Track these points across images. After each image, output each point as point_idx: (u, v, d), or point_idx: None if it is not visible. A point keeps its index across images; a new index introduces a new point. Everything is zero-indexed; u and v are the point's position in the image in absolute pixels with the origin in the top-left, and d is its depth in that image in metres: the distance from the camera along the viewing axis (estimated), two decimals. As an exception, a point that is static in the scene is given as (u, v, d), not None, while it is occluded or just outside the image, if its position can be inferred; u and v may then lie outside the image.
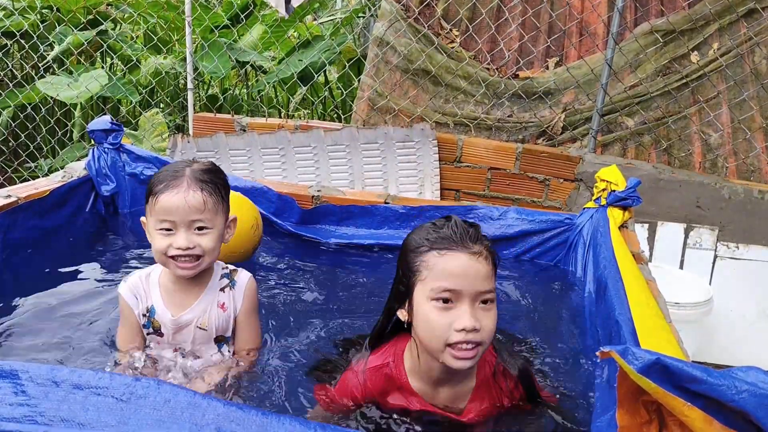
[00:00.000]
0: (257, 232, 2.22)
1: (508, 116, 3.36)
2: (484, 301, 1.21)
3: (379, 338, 1.41)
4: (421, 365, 1.31)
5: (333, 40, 4.13)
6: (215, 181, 1.47)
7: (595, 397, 1.42)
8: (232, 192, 2.36)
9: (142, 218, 1.51)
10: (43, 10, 4.43)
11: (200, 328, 1.53)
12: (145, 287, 1.54)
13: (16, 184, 3.11)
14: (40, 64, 4.39)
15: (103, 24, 4.39)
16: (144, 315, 1.53)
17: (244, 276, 1.60)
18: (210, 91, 4.97)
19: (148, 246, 2.37)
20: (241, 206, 2.18)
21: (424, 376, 1.33)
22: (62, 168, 2.65)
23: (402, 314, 1.31)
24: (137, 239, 2.47)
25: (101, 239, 2.46)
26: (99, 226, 2.52)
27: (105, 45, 4.25)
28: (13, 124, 4.34)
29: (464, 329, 1.18)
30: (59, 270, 2.15)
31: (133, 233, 2.51)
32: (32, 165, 4.40)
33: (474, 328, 1.18)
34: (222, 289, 1.56)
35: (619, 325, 1.49)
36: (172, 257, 1.44)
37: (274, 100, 4.77)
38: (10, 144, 4.45)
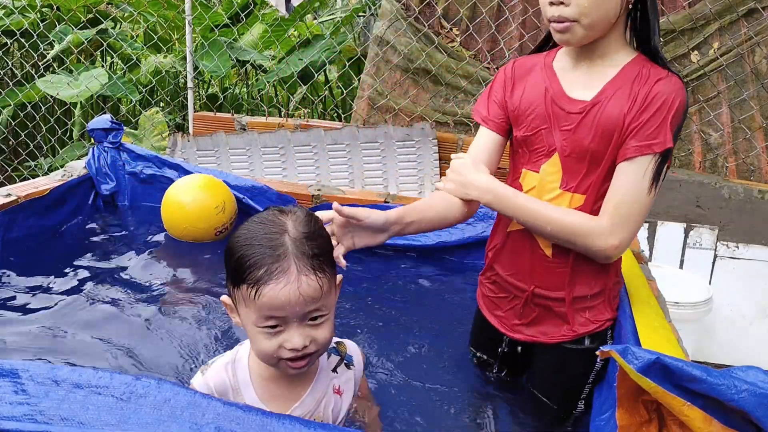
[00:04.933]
0: (221, 216, 2.30)
1: (508, 115, 3.36)
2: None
3: None
4: None
5: (333, 39, 4.12)
6: (324, 247, 1.10)
7: (595, 396, 1.42)
8: (205, 175, 2.39)
9: (224, 298, 1.15)
10: (43, 9, 4.42)
11: None
12: (232, 381, 1.15)
13: (16, 182, 3.11)
14: (40, 63, 4.38)
15: (103, 23, 4.39)
16: None
17: (353, 346, 1.27)
18: (210, 90, 4.97)
19: (148, 246, 2.40)
20: (210, 187, 2.35)
21: None
22: (62, 167, 2.65)
23: None
24: (136, 238, 2.47)
25: (101, 238, 2.46)
26: (99, 225, 2.52)
27: (105, 44, 4.25)
28: (13, 123, 4.34)
29: None
30: (59, 269, 2.15)
31: (132, 232, 2.51)
32: (32, 164, 4.40)
33: None
34: (334, 369, 1.21)
35: (619, 324, 1.49)
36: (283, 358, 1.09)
37: (274, 99, 4.76)
38: (10, 143, 4.45)
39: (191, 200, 2.30)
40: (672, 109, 1.27)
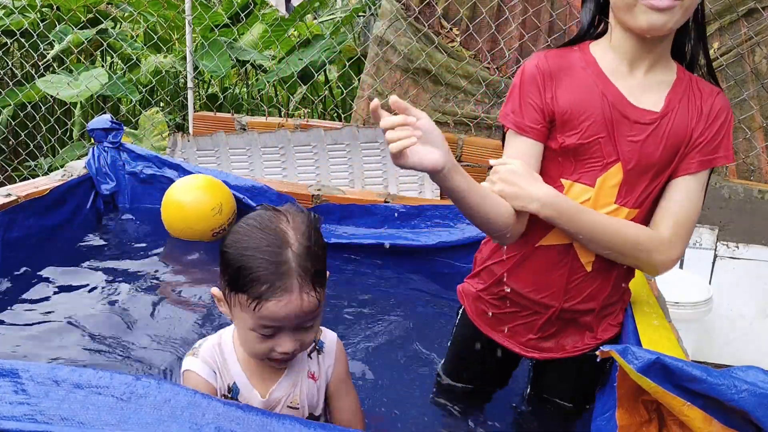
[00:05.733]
0: (218, 217, 2.32)
1: (508, 115, 3.36)
2: None
3: None
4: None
5: (333, 39, 4.12)
6: (323, 258, 1.13)
7: (596, 396, 1.42)
8: (204, 176, 2.40)
9: (215, 290, 1.18)
10: (43, 9, 4.42)
11: (290, 407, 1.21)
12: (220, 359, 1.19)
13: (16, 182, 3.11)
14: (40, 63, 4.38)
15: (103, 22, 4.39)
16: (224, 396, 1.19)
17: (330, 335, 1.29)
18: (210, 90, 4.97)
19: (148, 246, 2.41)
20: (207, 188, 2.37)
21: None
22: (62, 167, 2.65)
23: None
24: (136, 238, 2.47)
25: (101, 238, 2.46)
26: (99, 224, 2.53)
27: (105, 44, 4.25)
28: (13, 123, 4.34)
29: None
30: (59, 269, 2.15)
31: (132, 232, 2.52)
32: (32, 164, 4.40)
33: None
34: (309, 354, 1.25)
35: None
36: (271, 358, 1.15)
37: (274, 99, 4.76)
38: (10, 142, 4.45)
39: (188, 201, 2.32)
40: (731, 123, 1.29)
